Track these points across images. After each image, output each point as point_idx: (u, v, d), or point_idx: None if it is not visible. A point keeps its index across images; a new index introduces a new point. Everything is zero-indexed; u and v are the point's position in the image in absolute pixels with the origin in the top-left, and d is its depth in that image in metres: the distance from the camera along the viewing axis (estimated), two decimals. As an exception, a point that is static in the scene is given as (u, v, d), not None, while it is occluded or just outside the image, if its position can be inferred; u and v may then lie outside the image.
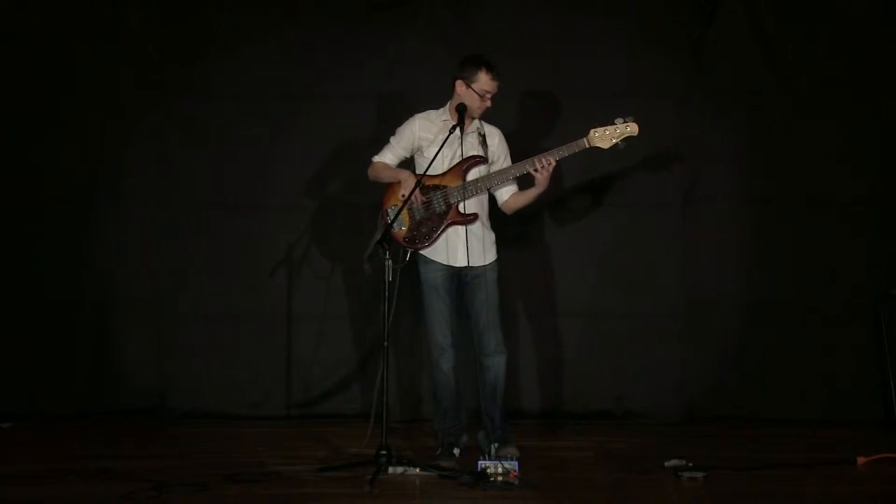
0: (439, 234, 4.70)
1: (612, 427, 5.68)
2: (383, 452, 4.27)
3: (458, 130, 4.63)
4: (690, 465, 4.37)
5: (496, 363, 4.74)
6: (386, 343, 4.38)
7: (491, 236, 4.81)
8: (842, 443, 5.12)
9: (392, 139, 4.83)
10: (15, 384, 5.78)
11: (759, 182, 5.88)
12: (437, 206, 4.69)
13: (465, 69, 4.68)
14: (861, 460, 4.60)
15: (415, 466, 4.33)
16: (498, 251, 4.83)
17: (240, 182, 5.91)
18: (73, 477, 4.27)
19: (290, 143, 5.90)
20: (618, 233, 5.87)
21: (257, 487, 4.11)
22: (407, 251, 4.70)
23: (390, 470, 4.27)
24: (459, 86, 4.68)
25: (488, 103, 4.70)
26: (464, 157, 4.69)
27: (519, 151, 4.86)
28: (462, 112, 4.64)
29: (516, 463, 4.22)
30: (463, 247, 4.68)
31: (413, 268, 4.76)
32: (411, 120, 4.80)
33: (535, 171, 4.63)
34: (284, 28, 5.91)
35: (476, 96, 4.66)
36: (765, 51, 5.85)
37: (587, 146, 4.67)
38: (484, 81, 4.65)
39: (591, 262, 5.88)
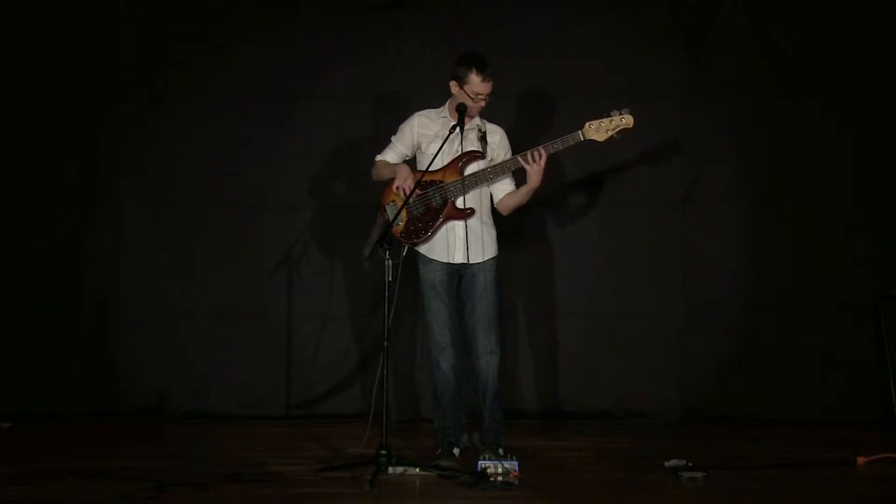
0: (436, 230, 4.68)
1: (612, 427, 5.68)
2: (383, 452, 4.27)
3: (457, 129, 4.62)
4: (690, 465, 4.38)
5: (488, 363, 4.70)
6: (386, 343, 4.38)
7: (491, 232, 4.79)
8: (842, 443, 5.12)
9: (393, 137, 4.82)
10: (15, 384, 5.78)
11: (759, 182, 5.88)
12: (434, 200, 4.68)
13: (458, 69, 4.63)
14: (861, 460, 4.59)
15: (415, 466, 4.33)
16: (498, 248, 4.81)
17: (240, 182, 5.91)
18: (73, 477, 4.27)
19: (290, 143, 5.90)
20: (618, 232, 5.87)
21: (257, 487, 4.11)
22: (404, 246, 4.68)
23: (390, 470, 4.27)
24: (453, 86, 4.65)
25: (482, 104, 4.65)
26: (453, 148, 4.67)
27: (518, 151, 4.85)
28: (462, 112, 4.62)
29: (516, 463, 4.22)
30: (461, 244, 4.67)
31: (413, 267, 4.76)
32: (411, 117, 4.80)
33: (527, 163, 4.62)
34: (284, 28, 5.91)
35: (469, 98, 4.63)
36: (765, 51, 5.86)
37: (582, 139, 4.64)
38: (475, 83, 4.59)
39: (591, 262, 5.88)
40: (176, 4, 5.92)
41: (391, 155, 4.80)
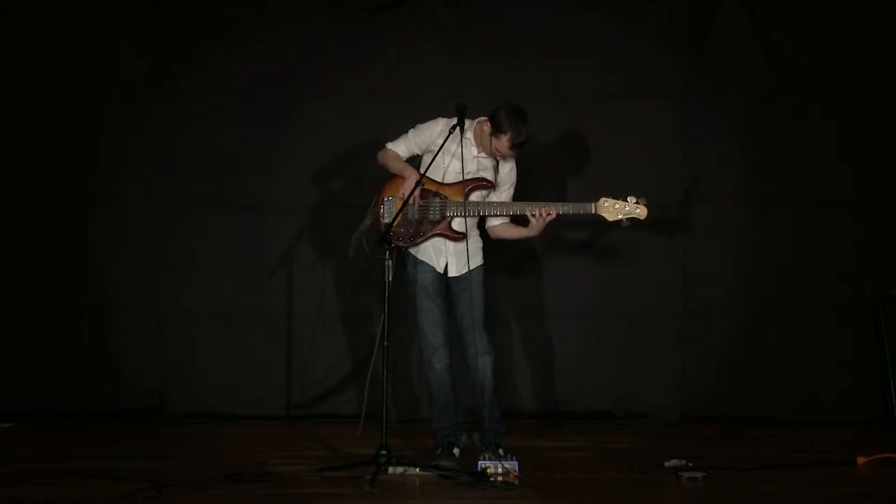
0: (424, 240, 4.69)
1: (612, 427, 5.68)
2: (383, 452, 4.27)
3: (458, 132, 4.59)
4: (690, 465, 4.38)
5: (482, 364, 4.69)
6: (386, 343, 4.38)
7: (478, 243, 4.79)
8: (842, 443, 5.13)
9: (411, 132, 4.76)
10: (15, 384, 5.78)
11: (759, 182, 5.88)
12: (433, 213, 4.68)
13: (500, 117, 4.54)
14: (861, 460, 4.60)
15: (415, 466, 4.33)
16: (485, 255, 4.80)
17: (240, 182, 5.91)
18: (73, 477, 4.28)
19: (290, 143, 5.89)
20: (617, 232, 5.85)
21: (257, 487, 4.11)
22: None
23: (390, 470, 4.28)
24: (486, 124, 4.61)
25: (498, 157, 4.66)
26: (465, 169, 4.64)
27: (518, 159, 4.83)
28: (462, 112, 4.60)
29: (516, 463, 4.23)
30: (450, 256, 4.69)
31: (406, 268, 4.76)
32: (436, 121, 4.72)
33: (533, 216, 4.62)
34: (284, 28, 5.91)
35: (489, 145, 4.61)
36: (765, 51, 5.85)
37: (592, 213, 4.65)
38: (503, 144, 4.55)
39: (591, 263, 5.87)
40: (176, 4, 5.92)
41: (402, 147, 4.77)
